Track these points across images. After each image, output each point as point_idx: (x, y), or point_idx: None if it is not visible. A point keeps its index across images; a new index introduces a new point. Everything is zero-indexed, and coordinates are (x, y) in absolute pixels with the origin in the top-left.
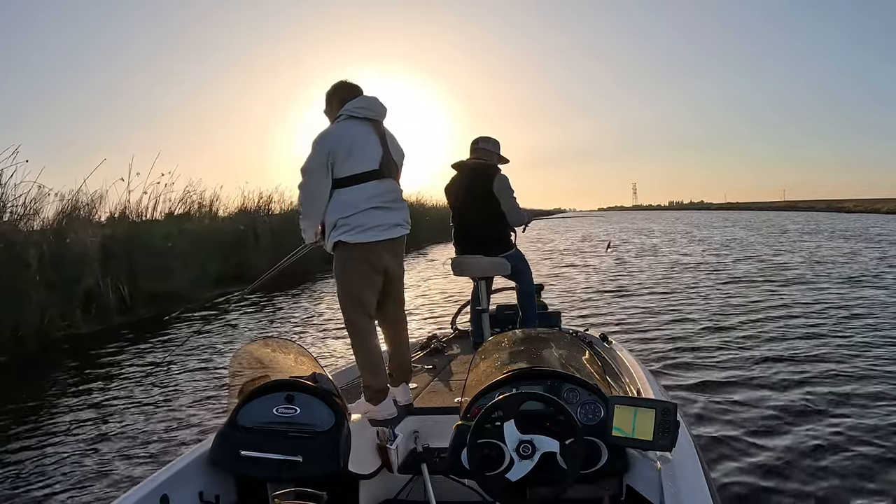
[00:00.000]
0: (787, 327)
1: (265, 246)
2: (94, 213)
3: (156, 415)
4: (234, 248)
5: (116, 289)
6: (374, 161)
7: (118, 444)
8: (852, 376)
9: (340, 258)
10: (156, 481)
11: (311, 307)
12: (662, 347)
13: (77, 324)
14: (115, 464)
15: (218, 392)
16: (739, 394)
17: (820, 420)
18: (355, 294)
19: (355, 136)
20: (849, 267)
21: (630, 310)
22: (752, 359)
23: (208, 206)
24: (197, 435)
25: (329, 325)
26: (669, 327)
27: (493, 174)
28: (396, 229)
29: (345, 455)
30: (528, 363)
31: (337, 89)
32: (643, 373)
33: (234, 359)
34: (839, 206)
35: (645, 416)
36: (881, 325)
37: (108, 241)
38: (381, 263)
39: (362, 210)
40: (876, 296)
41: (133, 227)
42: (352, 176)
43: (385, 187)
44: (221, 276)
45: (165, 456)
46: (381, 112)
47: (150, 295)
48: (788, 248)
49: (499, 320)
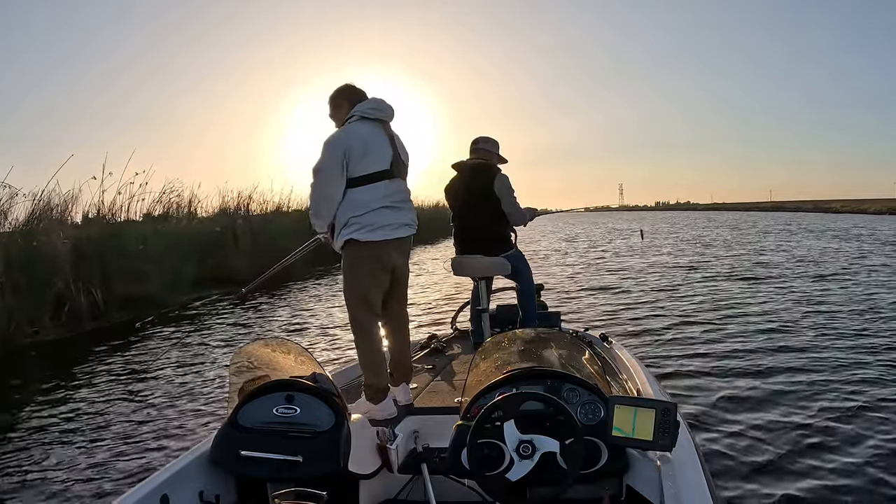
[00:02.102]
0: (786, 327)
1: (245, 247)
2: (66, 213)
3: (125, 426)
4: (212, 249)
5: (88, 293)
6: (385, 161)
7: (83, 457)
8: (856, 376)
9: (349, 256)
10: (156, 481)
11: (295, 309)
12: (662, 347)
13: (46, 330)
14: (75, 481)
15: (193, 402)
16: (740, 393)
17: (820, 419)
18: (362, 292)
19: (369, 136)
20: (849, 267)
21: (630, 309)
22: (752, 358)
23: (186, 206)
24: (164, 455)
25: (312, 327)
26: (669, 327)
27: (494, 174)
28: (405, 229)
29: (345, 455)
30: (528, 363)
31: (343, 91)
32: (643, 373)
33: (235, 359)
34: (826, 206)
35: (645, 416)
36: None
37: (80, 242)
38: (390, 262)
39: (374, 209)
40: (882, 296)
41: (107, 228)
42: (365, 176)
43: (395, 187)
44: (199, 278)
45: (132, 470)
46: (389, 113)
47: (125, 299)
48: (784, 248)
49: (499, 320)
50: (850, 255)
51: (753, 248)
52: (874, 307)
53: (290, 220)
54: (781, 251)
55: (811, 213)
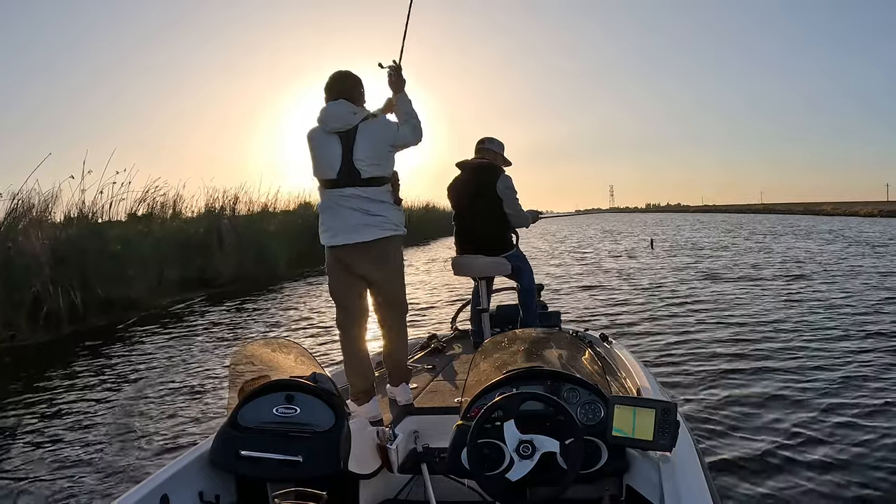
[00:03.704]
0: (786, 326)
1: (230, 248)
2: (46, 213)
3: (105, 435)
4: (196, 250)
5: (67, 294)
6: (331, 170)
7: (56, 464)
8: (857, 376)
9: (326, 260)
10: (156, 481)
11: (278, 309)
12: (663, 347)
13: (22, 333)
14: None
15: (169, 409)
16: (740, 393)
17: (821, 419)
18: (335, 295)
19: (318, 145)
20: (848, 267)
21: (630, 310)
22: (752, 358)
23: (171, 206)
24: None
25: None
26: (669, 327)
27: (497, 174)
28: (364, 232)
29: (345, 455)
30: (528, 363)
31: (326, 87)
32: (643, 372)
33: (234, 358)
34: (817, 208)
35: (645, 416)
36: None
37: (59, 243)
38: (355, 267)
39: (327, 212)
40: (883, 297)
41: (86, 228)
42: (322, 180)
43: (343, 194)
44: (183, 280)
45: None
46: (341, 123)
47: (105, 301)
48: (781, 250)
49: (499, 320)
50: (850, 257)
51: (751, 249)
52: (876, 309)
53: (278, 221)
54: (779, 252)
55: (802, 215)
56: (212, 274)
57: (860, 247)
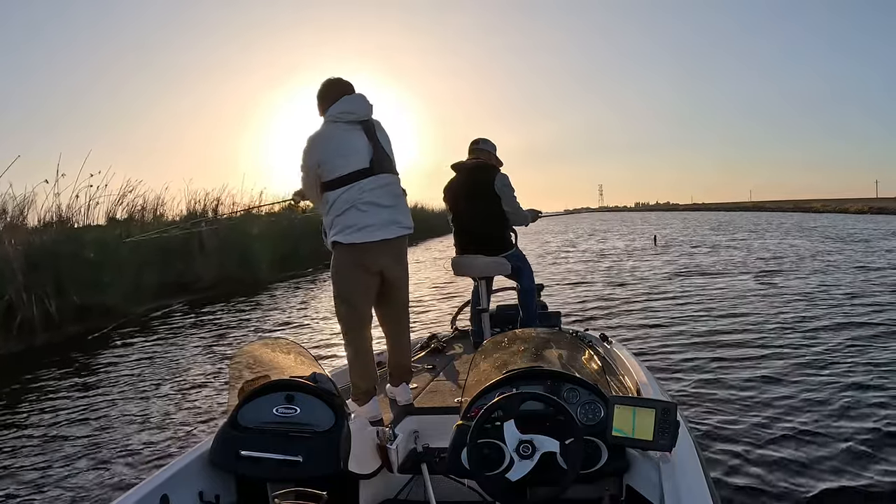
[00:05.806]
0: (787, 326)
1: (211, 252)
2: (20, 218)
3: (76, 449)
4: (175, 255)
5: (41, 302)
6: (363, 159)
7: (29, 476)
8: (858, 375)
9: (335, 258)
10: (156, 481)
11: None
12: (662, 347)
13: None
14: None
15: (148, 422)
16: (740, 393)
17: (821, 419)
18: (346, 295)
19: (341, 139)
20: (848, 267)
21: (630, 310)
22: (753, 358)
23: (152, 209)
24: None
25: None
26: (670, 327)
27: (494, 173)
28: (392, 228)
29: (345, 455)
30: (528, 363)
31: (322, 91)
32: (643, 372)
33: (234, 358)
34: (807, 206)
35: (645, 416)
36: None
37: (33, 249)
38: (376, 265)
39: (355, 210)
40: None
41: (62, 233)
42: (343, 177)
43: (379, 182)
44: (162, 286)
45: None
46: (363, 112)
47: (81, 308)
48: (776, 248)
49: (499, 320)
50: (848, 255)
51: (747, 247)
52: (878, 308)
53: (262, 223)
54: (775, 251)
55: (792, 212)
56: (191, 279)
57: (861, 245)
